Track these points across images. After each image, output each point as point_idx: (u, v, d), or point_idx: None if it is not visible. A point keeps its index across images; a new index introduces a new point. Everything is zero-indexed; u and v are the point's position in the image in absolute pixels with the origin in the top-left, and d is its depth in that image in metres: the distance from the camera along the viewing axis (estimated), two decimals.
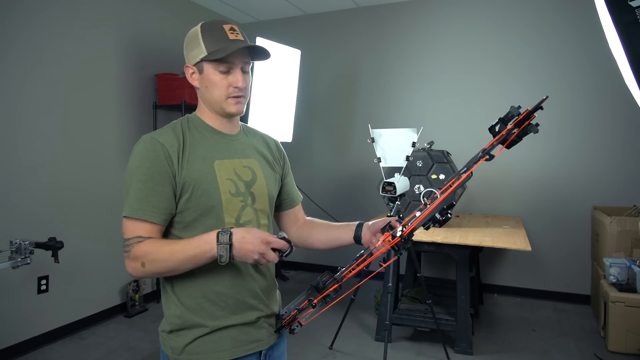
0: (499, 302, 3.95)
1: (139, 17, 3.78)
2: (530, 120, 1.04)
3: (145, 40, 3.83)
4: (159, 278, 1.22)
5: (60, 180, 3.15)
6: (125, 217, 1.07)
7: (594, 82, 3.81)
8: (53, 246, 2.40)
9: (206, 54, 1.11)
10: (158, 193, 1.07)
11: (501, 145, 1.06)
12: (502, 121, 1.06)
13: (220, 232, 1.02)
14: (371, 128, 2.80)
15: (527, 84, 3.99)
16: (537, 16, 3.96)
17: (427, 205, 1.08)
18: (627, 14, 1.21)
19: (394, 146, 2.73)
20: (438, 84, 4.28)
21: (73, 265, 3.19)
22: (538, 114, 1.03)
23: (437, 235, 2.99)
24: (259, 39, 3.49)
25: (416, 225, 1.08)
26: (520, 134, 1.04)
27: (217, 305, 1.12)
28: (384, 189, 2.55)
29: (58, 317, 3.16)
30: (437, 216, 1.07)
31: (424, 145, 3.40)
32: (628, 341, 2.89)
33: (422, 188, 3.29)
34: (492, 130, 1.07)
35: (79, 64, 3.26)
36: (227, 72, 1.13)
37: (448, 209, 1.07)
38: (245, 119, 3.57)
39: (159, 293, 3.91)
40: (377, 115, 4.51)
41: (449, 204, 1.07)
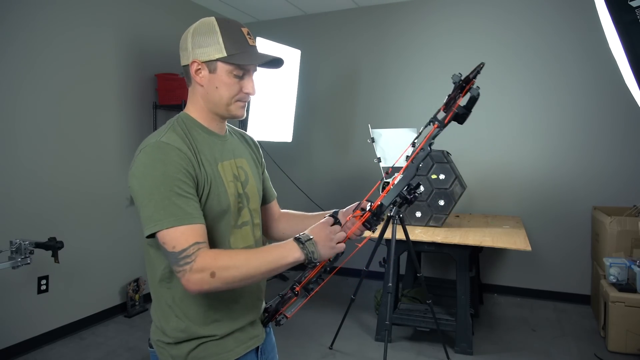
0: (499, 302, 3.95)
1: (139, 17, 3.78)
2: (471, 85, 1.12)
3: (145, 40, 3.83)
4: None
5: (61, 180, 3.15)
6: (168, 229, 0.96)
7: (594, 82, 3.81)
8: (53, 246, 2.40)
9: (225, 55, 1.06)
10: (194, 196, 1.02)
11: (448, 113, 1.15)
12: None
13: (295, 238, 1.05)
14: (371, 128, 2.80)
15: (527, 84, 3.99)
16: (537, 16, 3.96)
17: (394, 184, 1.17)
18: (627, 14, 1.21)
19: (394, 146, 2.73)
20: (438, 84, 4.28)
21: (73, 265, 3.19)
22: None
23: (437, 235, 2.99)
24: (259, 39, 3.49)
25: (382, 198, 1.15)
26: (468, 105, 1.12)
27: (222, 312, 1.11)
28: (383, 188, 2.55)
29: (58, 317, 3.16)
30: (405, 193, 1.16)
31: None
32: (628, 341, 2.89)
33: (422, 188, 3.28)
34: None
35: (79, 64, 3.26)
36: (241, 77, 1.09)
37: (415, 188, 1.16)
38: (245, 119, 3.57)
39: None
40: (377, 115, 4.51)
41: (415, 183, 1.16)
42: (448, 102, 1.15)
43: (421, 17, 4.37)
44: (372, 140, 2.77)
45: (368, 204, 1.18)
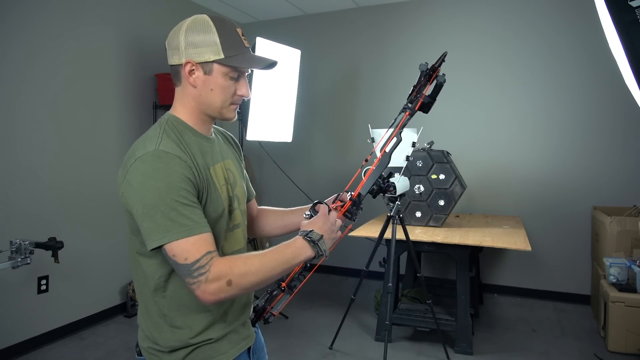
0: (499, 302, 3.95)
1: (139, 17, 3.78)
2: (437, 73, 1.26)
3: (145, 40, 3.82)
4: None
5: (61, 180, 3.15)
6: (178, 241, 0.93)
7: (594, 82, 3.81)
8: (53, 246, 2.40)
9: (222, 57, 1.02)
10: (198, 205, 0.99)
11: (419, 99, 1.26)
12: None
13: (302, 236, 1.05)
14: (371, 128, 2.80)
15: (527, 83, 3.99)
16: (537, 16, 3.96)
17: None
18: (627, 14, 1.21)
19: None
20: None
21: (73, 265, 3.19)
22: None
23: (437, 235, 3.00)
24: (259, 39, 3.49)
25: (361, 188, 1.20)
26: (432, 93, 1.27)
27: (218, 315, 1.10)
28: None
29: (58, 317, 3.16)
30: (380, 182, 1.23)
31: (424, 145, 3.40)
32: (628, 341, 2.89)
33: (422, 188, 3.29)
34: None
35: (79, 64, 3.26)
36: (236, 79, 1.06)
37: (388, 178, 1.25)
38: (245, 119, 3.57)
39: None
40: (377, 115, 4.51)
41: (387, 173, 1.24)
42: (419, 89, 1.27)
43: (421, 17, 4.37)
44: (372, 140, 2.77)
45: (348, 194, 1.21)
